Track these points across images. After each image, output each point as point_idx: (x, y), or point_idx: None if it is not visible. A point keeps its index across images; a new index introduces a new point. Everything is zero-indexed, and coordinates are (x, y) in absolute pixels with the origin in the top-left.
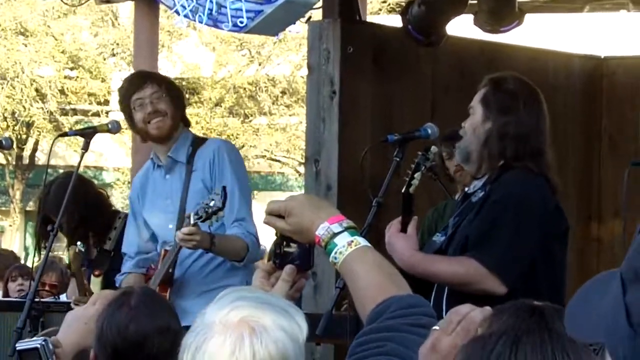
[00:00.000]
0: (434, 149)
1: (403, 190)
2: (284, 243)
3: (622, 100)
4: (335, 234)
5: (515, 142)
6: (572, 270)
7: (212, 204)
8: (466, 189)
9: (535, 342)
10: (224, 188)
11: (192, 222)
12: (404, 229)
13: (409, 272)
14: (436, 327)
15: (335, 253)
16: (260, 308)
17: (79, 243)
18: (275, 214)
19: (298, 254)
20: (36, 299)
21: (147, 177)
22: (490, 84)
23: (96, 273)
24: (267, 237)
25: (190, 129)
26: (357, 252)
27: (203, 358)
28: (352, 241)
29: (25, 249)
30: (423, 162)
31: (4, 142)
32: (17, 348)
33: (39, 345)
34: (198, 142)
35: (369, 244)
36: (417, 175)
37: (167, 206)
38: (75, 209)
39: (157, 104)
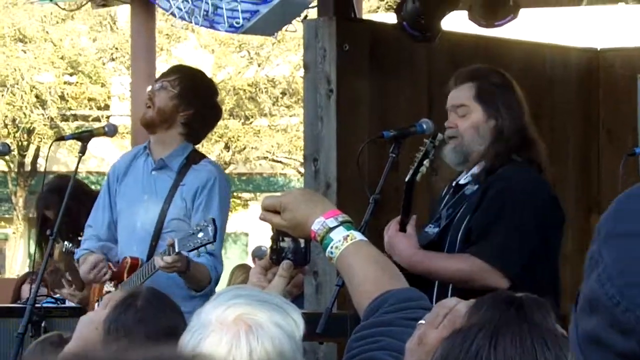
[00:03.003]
0: (440, 136)
1: (407, 179)
2: (280, 239)
3: (619, 91)
4: (331, 229)
5: (518, 134)
6: (572, 261)
7: (200, 235)
8: (455, 180)
9: (514, 334)
10: (214, 220)
11: (176, 250)
12: (402, 229)
13: (410, 271)
14: (422, 321)
15: (331, 248)
16: (256, 306)
17: (66, 242)
18: (270, 209)
19: (294, 250)
20: (37, 305)
21: (132, 161)
22: (481, 79)
23: None
24: (264, 235)
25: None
26: (353, 246)
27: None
28: (348, 235)
29: (30, 255)
30: (431, 149)
31: (1, 147)
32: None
33: None
34: (194, 157)
35: (365, 238)
36: (426, 162)
37: (141, 203)
38: (67, 203)
39: (154, 95)
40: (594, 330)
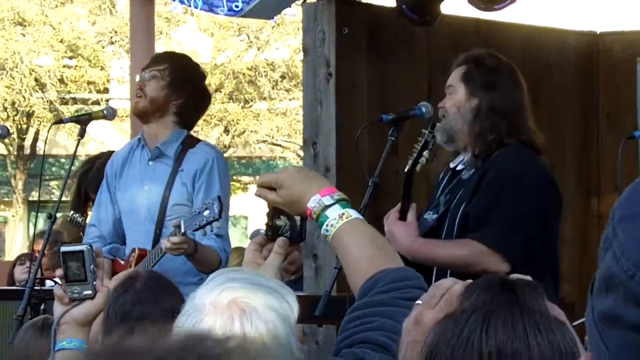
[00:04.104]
0: (438, 125)
1: (407, 169)
2: (276, 216)
3: (619, 75)
4: (327, 207)
5: (505, 117)
6: (572, 245)
7: (206, 213)
8: (451, 165)
9: (506, 318)
10: (219, 198)
11: (182, 230)
12: (402, 217)
13: (411, 259)
14: (419, 302)
15: (327, 226)
16: (250, 289)
17: (72, 212)
18: (266, 186)
19: (290, 226)
20: (36, 287)
21: (128, 155)
22: (470, 62)
23: None
24: (264, 218)
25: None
26: (349, 224)
27: None
28: (344, 214)
29: (29, 238)
30: (430, 139)
31: (0, 130)
32: (62, 250)
33: (85, 249)
34: (190, 142)
35: (361, 217)
36: (425, 153)
37: (142, 192)
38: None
39: (145, 85)
40: (609, 308)
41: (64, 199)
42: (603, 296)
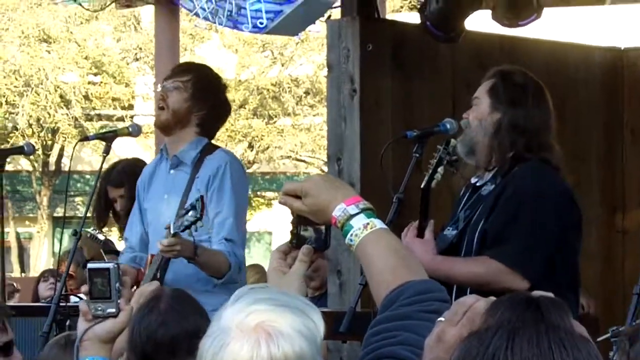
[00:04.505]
0: (453, 141)
1: (423, 185)
2: (300, 224)
3: None
4: (352, 216)
5: (526, 135)
6: (597, 261)
7: (190, 213)
8: (472, 180)
9: (532, 335)
10: (202, 198)
11: (172, 232)
12: (420, 234)
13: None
14: (442, 319)
15: (351, 235)
16: (277, 311)
17: (91, 229)
18: (291, 194)
19: (314, 235)
20: (62, 303)
21: (155, 168)
22: (498, 76)
23: None
24: (288, 234)
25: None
26: (373, 235)
27: None
28: (369, 224)
29: (54, 254)
30: (445, 156)
31: (26, 148)
32: (89, 267)
33: (111, 267)
34: (208, 149)
35: (386, 227)
36: (440, 169)
37: (163, 201)
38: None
39: (167, 96)
40: None
41: (88, 214)
42: None
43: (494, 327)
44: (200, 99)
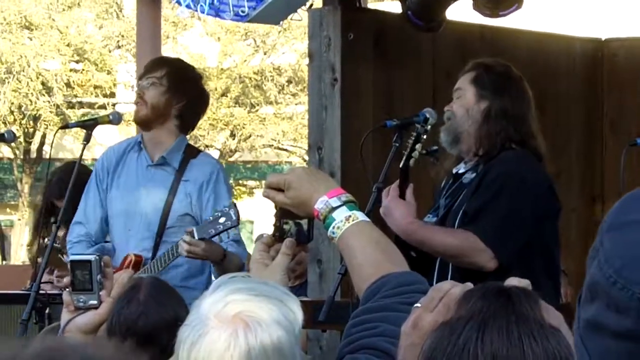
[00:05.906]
0: (431, 120)
1: (401, 165)
2: (283, 216)
3: (624, 81)
4: (334, 208)
5: (514, 121)
6: (576, 251)
7: (222, 220)
8: (453, 170)
9: (501, 326)
10: (235, 205)
11: (196, 237)
12: (402, 196)
13: (403, 238)
14: (418, 305)
15: (333, 228)
16: (255, 301)
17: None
18: (274, 187)
19: (297, 227)
20: (41, 291)
21: (123, 155)
22: (480, 67)
23: None
24: (269, 223)
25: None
26: (355, 227)
27: (198, 353)
28: (350, 216)
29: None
30: (422, 132)
31: (6, 135)
32: (70, 259)
33: (92, 259)
34: (191, 152)
35: (368, 219)
36: (418, 146)
37: (139, 194)
38: (75, 197)
39: (144, 94)
40: (592, 315)
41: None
42: (588, 304)
43: (465, 317)
44: (177, 91)
